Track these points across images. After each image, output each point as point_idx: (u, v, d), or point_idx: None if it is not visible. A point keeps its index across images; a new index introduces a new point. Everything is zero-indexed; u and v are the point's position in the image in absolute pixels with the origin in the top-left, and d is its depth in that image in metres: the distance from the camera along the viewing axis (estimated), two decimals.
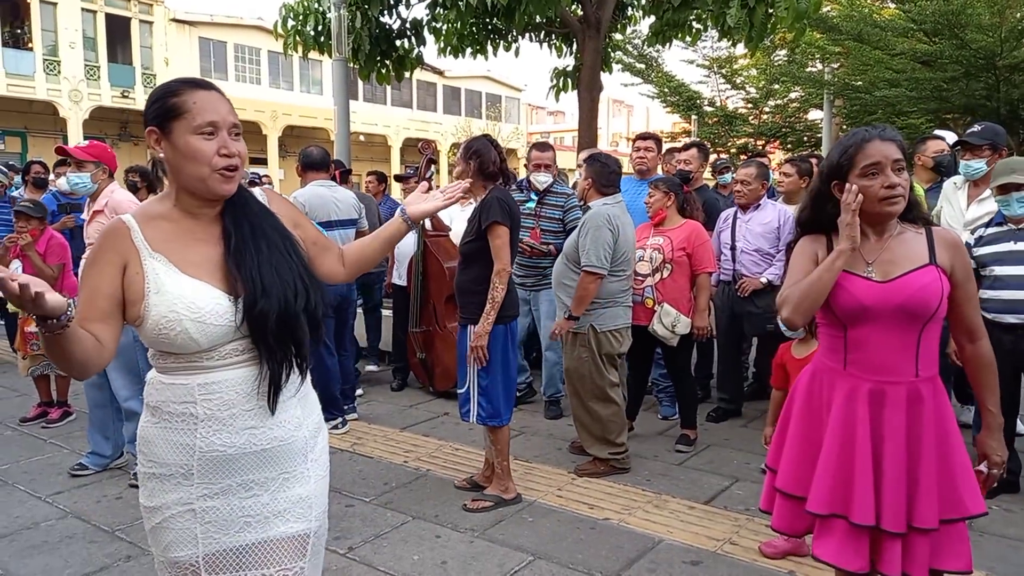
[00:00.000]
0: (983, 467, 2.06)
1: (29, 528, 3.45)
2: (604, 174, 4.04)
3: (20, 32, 23.48)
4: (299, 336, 1.65)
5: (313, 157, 4.90)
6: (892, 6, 14.04)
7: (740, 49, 10.55)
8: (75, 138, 23.80)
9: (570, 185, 7.08)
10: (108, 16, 24.46)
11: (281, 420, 1.69)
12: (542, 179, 4.99)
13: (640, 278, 4.39)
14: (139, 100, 25.32)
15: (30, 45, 23.22)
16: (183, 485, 1.62)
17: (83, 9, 23.82)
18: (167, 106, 1.59)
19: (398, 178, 7.17)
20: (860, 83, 14.34)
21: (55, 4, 23.23)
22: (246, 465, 1.65)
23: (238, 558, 1.66)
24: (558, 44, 10.26)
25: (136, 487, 3.81)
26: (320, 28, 9.21)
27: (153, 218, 1.64)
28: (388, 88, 27.83)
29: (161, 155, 1.62)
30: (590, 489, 3.85)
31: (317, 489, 1.78)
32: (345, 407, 4.93)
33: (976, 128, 4.17)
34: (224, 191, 1.61)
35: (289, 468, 1.71)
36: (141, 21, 25.36)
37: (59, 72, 23.45)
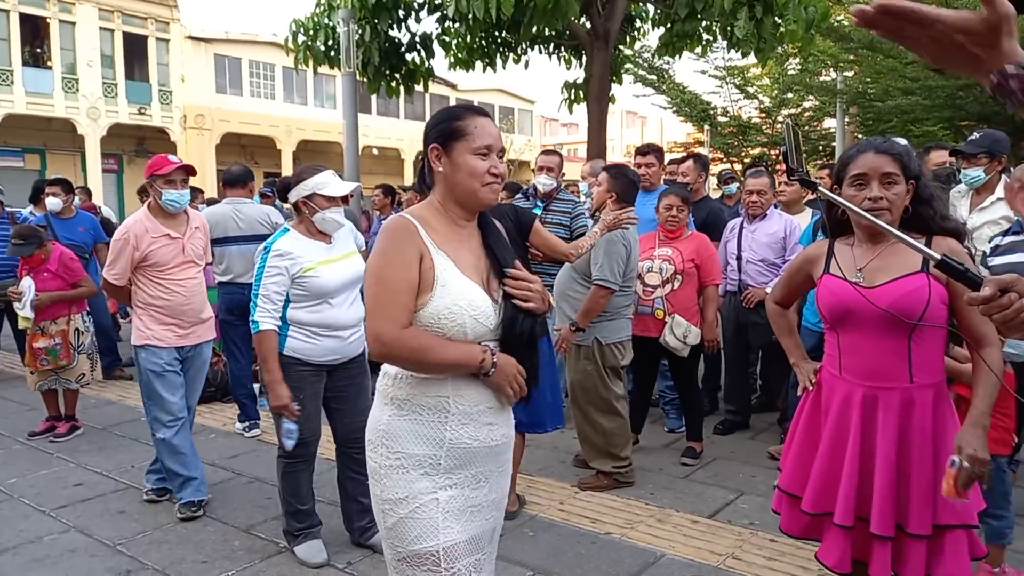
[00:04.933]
0: (955, 457, 1.90)
1: (32, 542, 3.46)
2: (629, 190, 4.00)
3: (40, 51, 23.87)
4: (536, 344, 1.87)
5: (232, 174, 5.14)
6: None
7: (752, 59, 10.55)
8: (92, 155, 24.13)
9: (581, 196, 7.07)
10: (125, 34, 24.83)
11: (507, 419, 1.90)
12: (543, 181, 4.99)
13: (650, 289, 4.36)
14: (155, 117, 25.69)
15: (49, 64, 23.60)
16: (430, 475, 1.77)
17: (101, 28, 24.20)
18: (451, 128, 1.79)
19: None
20: (873, 91, 14.26)
21: (74, 24, 23.62)
22: (481, 458, 1.83)
23: (466, 546, 1.80)
24: (567, 56, 10.28)
25: (154, 502, 3.84)
26: (330, 43, 9.29)
27: (426, 221, 1.80)
28: (401, 101, 28.01)
29: (440, 169, 1.81)
30: (593, 503, 3.82)
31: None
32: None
33: (975, 136, 4.10)
34: (490, 200, 1.82)
35: (504, 463, 1.92)
36: (158, 39, 25.71)
37: (77, 90, 23.81)
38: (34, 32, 23.55)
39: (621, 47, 10.48)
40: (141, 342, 3.72)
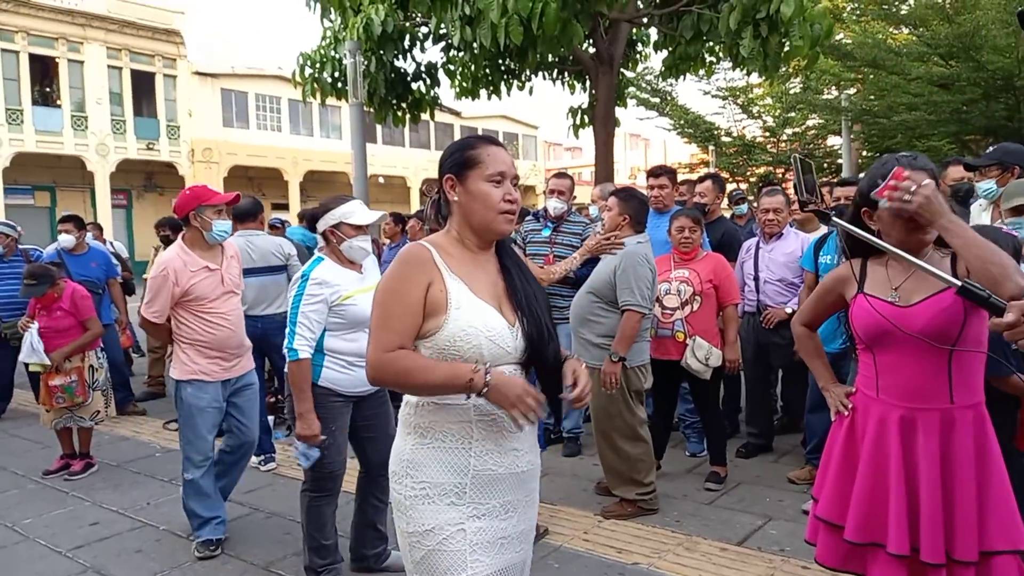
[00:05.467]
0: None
1: None
2: (642, 212, 3.97)
3: (49, 90, 24.18)
4: (556, 371, 1.85)
5: (242, 208, 5.10)
6: (905, 31, 14.01)
7: (755, 78, 10.58)
8: (102, 191, 24.32)
9: (590, 219, 7.05)
10: (133, 72, 25.14)
11: (531, 445, 1.87)
12: (554, 204, 5.00)
13: (669, 311, 4.30)
14: (163, 152, 25.90)
15: (58, 102, 23.88)
16: (456, 505, 1.74)
17: (109, 66, 24.49)
18: (465, 157, 1.81)
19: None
20: (878, 108, 14.26)
21: (82, 63, 23.93)
22: (507, 486, 1.80)
23: None
24: (571, 82, 10.34)
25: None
26: (337, 74, 9.36)
27: (442, 247, 1.82)
28: (406, 130, 28.21)
29: (455, 198, 1.82)
30: (618, 532, 3.74)
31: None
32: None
33: (989, 150, 4.13)
34: (505, 231, 1.82)
35: (531, 491, 1.89)
36: (165, 75, 26.01)
37: (86, 127, 24.06)
38: (43, 72, 23.86)
39: (624, 71, 10.54)
40: (187, 377, 3.61)
